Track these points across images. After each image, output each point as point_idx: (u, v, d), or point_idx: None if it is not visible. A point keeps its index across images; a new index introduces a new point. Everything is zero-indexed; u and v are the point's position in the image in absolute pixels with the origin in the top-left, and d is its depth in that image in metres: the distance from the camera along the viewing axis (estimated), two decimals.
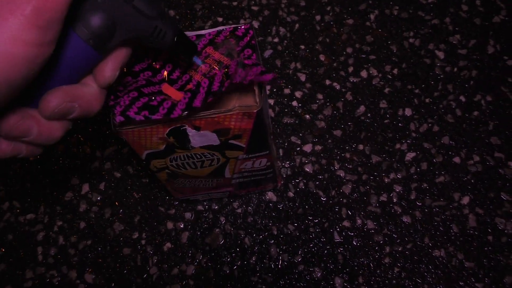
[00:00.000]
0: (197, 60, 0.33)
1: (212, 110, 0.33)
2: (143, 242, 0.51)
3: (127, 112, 0.32)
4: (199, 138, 0.36)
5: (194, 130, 0.35)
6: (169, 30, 0.29)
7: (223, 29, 0.36)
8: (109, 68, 0.28)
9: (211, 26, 0.64)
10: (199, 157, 0.40)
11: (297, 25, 0.63)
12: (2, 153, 0.27)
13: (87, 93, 0.28)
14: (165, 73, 0.35)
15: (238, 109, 0.33)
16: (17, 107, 0.26)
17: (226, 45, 0.36)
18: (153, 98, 0.33)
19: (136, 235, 0.51)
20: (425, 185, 0.51)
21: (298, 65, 0.60)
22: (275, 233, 0.50)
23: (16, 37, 0.21)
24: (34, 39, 0.22)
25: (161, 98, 0.33)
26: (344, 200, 0.51)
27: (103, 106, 0.29)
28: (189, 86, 0.33)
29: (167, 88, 0.34)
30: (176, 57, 0.35)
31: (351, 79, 0.58)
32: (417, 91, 0.57)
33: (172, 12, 0.65)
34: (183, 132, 0.35)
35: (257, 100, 0.33)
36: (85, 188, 0.54)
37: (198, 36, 0.35)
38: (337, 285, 0.47)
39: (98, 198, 0.54)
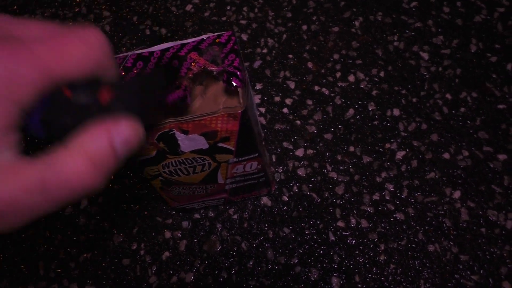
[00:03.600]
0: None
1: (198, 113, 0.35)
2: (141, 252, 0.52)
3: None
4: (188, 142, 0.37)
5: (183, 134, 0.36)
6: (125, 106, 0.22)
7: (206, 37, 0.38)
8: None
9: None
10: (190, 162, 0.41)
11: (284, 36, 0.65)
12: None
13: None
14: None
15: (223, 110, 0.34)
16: None
17: (210, 51, 0.37)
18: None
19: (135, 246, 0.52)
20: (416, 182, 0.52)
21: (287, 74, 0.61)
22: (271, 236, 0.51)
23: None
24: None
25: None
26: (338, 201, 0.52)
27: None
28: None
29: None
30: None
31: (339, 84, 0.60)
32: (404, 91, 0.58)
33: (163, 30, 0.67)
34: (172, 136, 0.36)
35: (241, 101, 0.35)
36: (84, 202, 0.56)
37: (183, 45, 0.37)
38: (334, 284, 0.47)
39: (97, 211, 0.55)
